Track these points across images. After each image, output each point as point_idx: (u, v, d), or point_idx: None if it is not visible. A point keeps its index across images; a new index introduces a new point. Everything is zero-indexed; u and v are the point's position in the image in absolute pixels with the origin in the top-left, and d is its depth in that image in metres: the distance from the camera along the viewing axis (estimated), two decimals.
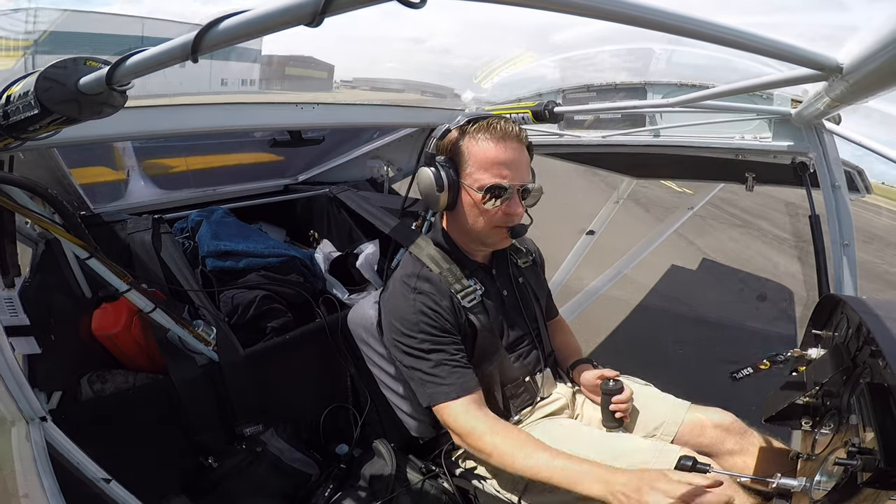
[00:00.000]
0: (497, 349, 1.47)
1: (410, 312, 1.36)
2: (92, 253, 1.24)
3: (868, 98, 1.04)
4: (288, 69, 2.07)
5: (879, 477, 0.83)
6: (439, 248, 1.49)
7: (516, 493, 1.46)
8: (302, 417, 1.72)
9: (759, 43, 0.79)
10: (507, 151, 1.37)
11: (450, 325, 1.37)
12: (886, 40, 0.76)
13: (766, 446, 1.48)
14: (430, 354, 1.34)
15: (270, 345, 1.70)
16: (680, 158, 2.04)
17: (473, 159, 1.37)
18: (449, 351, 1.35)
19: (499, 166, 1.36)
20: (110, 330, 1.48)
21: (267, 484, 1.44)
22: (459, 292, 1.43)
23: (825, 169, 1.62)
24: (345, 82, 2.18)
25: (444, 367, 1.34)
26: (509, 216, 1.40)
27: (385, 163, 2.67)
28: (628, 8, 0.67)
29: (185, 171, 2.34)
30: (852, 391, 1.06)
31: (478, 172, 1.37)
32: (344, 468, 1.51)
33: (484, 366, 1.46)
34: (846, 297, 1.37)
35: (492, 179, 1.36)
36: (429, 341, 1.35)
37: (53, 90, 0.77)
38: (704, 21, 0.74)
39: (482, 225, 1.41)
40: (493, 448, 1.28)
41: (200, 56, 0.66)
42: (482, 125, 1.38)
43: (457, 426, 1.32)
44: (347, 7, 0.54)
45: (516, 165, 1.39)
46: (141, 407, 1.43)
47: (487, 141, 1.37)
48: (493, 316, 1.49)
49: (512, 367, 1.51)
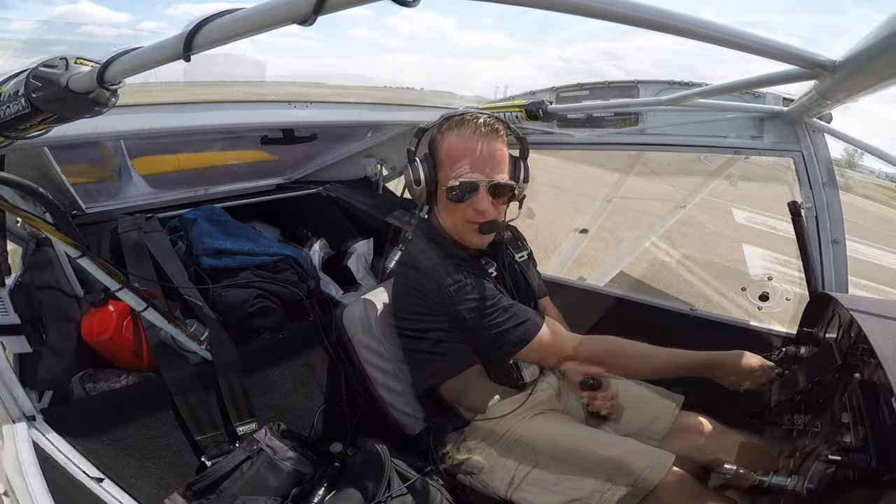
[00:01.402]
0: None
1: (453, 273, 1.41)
2: (83, 252, 1.23)
3: (858, 96, 1.05)
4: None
5: (870, 475, 0.83)
6: (430, 240, 1.52)
7: (506, 488, 1.48)
8: (295, 416, 1.72)
9: (750, 41, 0.80)
10: (477, 147, 1.39)
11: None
12: (876, 39, 0.77)
13: (756, 444, 1.49)
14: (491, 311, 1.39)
15: (264, 344, 1.70)
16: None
17: (445, 155, 1.41)
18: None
19: (465, 162, 1.38)
20: (101, 336, 1.47)
21: (261, 483, 1.44)
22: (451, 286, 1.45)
23: (815, 166, 1.63)
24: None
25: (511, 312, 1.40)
26: (478, 212, 1.42)
27: (378, 161, 2.67)
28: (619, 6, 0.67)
29: (177, 170, 2.32)
30: (844, 389, 1.07)
31: (447, 168, 1.41)
32: (338, 466, 1.51)
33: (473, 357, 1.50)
34: (838, 295, 1.39)
35: (457, 175, 1.39)
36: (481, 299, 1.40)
37: (44, 89, 0.76)
38: (696, 19, 0.74)
39: (454, 220, 1.46)
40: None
41: (193, 54, 0.66)
42: (454, 122, 1.41)
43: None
44: (341, 6, 0.54)
45: (486, 161, 1.40)
46: (133, 406, 1.42)
47: (456, 137, 1.40)
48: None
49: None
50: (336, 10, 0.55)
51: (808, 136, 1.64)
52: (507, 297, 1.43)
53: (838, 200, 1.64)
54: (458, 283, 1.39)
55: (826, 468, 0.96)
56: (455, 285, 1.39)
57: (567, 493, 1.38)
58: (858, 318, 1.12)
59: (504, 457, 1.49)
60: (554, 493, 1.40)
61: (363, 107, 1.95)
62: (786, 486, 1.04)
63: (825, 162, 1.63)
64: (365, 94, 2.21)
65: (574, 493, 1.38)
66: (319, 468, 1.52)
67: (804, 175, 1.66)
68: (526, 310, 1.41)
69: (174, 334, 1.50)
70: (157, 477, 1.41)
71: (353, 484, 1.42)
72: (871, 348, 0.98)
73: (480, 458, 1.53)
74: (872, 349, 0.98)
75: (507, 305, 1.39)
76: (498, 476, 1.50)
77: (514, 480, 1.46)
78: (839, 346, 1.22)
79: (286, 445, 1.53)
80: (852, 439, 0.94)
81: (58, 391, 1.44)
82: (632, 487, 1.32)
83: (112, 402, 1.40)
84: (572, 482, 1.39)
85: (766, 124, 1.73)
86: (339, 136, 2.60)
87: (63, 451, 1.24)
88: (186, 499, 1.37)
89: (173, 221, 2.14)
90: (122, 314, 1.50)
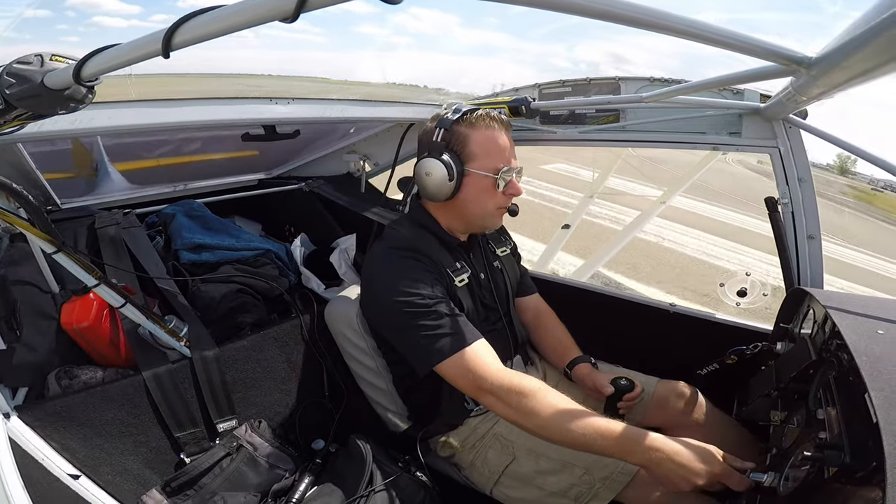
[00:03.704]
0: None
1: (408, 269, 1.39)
2: (59, 247, 1.21)
3: (834, 93, 1.07)
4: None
5: (845, 472, 0.84)
6: (425, 229, 1.54)
7: (488, 485, 1.49)
8: (277, 413, 1.71)
9: (727, 38, 0.81)
10: (506, 137, 1.47)
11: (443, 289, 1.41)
12: (851, 36, 0.78)
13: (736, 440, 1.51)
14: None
15: (244, 340, 1.69)
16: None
17: (481, 147, 1.44)
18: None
19: (504, 151, 1.46)
20: (80, 323, 1.44)
21: (241, 479, 1.43)
22: (453, 271, 1.49)
23: (791, 162, 1.66)
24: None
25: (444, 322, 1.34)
26: (513, 196, 1.51)
27: (362, 157, 2.66)
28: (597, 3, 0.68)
29: (156, 165, 2.30)
30: (819, 385, 1.08)
31: (485, 158, 1.44)
32: (320, 463, 1.51)
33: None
34: (813, 290, 1.41)
35: (501, 163, 1.45)
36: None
37: (18, 85, 0.75)
38: (672, 15, 0.75)
39: (489, 208, 1.49)
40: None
41: (173, 52, 0.66)
42: (483, 115, 1.46)
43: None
44: (325, 3, 0.54)
45: (512, 150, 1.49)
46: (111, 403, 1.40)
47: (492, 128, 1.45)
48: (474, 297, 1.54)
49: None
50: (321, 7, 0.54)
51: (784, 132, 1.67)
52: (447, 303, 1.37)
53: (813, 196, 1.67)
54: (404, 276, 1.37)
55: (802, 465, 0.97)
56: (401, 278, 1.37)
57: (546, 487, 1.40)
58: (833, 313, 1.14)
59: (484, 452, 1.51)
60: (534, 486, 1.42)
61: (346, 103, 1.94)
62: (762, 482, 1.05)
63: (801, 157, 1.66)
64: (370, 91, 2.19)
65: (553, 486, 1.39)
66: (301, 464, 1.52)
67: (780, 171, 1.68)
68: (464, 325, 1.35)
69: (153, 330, 1.48)
70: (134, 474, 1.39)
71: (334, 480, 1.42)
72: (845, 344, 1.00)
73: (463, 453, 1.54)
74: (846, 345, 0.99)
75: (446, 313, 1.34)
76: (480, 471, 1.51)
77: (495, 475, 1.47)
78: (814, 341, 1.24)
79: (267, 442, 1.52)
80: (827, 435, 0.94)
81: (33, 388, 1.41)
82: (609, 479, 1.34)
83: (89, 399, 1.38)
84: (550, 476, 1.40)
85: (744, 120, 1.75)
86: (322, 133, 2.59)
87: (39, 448, 1.22)
88: (164, 495, 1.36)
89: (151, 217, 2.11)
90: (103, 303, 1.47)
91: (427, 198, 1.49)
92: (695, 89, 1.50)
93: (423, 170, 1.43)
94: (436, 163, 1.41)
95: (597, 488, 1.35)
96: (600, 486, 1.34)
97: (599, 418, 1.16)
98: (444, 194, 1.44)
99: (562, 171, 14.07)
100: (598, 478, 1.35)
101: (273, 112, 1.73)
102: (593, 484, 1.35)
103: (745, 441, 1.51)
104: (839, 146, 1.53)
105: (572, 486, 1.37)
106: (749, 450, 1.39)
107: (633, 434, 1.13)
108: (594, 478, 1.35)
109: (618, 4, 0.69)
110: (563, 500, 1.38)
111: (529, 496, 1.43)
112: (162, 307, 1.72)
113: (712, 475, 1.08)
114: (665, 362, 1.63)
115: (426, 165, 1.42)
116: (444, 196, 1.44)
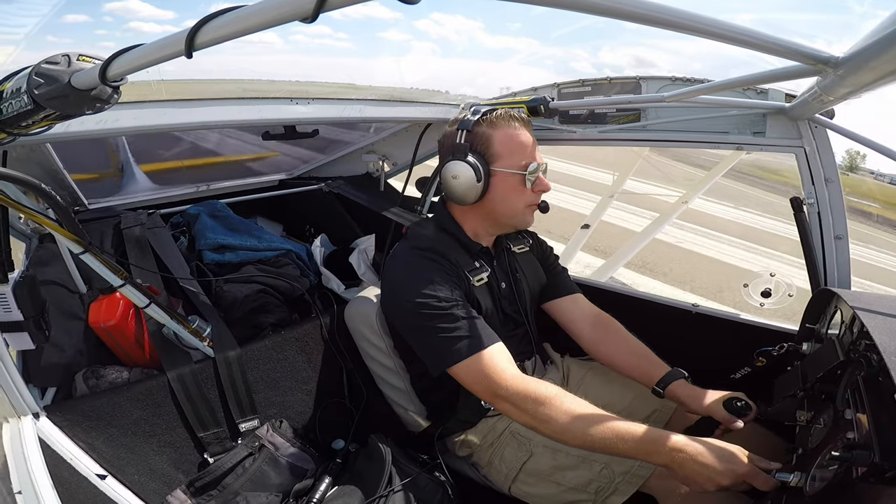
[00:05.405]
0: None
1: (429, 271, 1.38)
2: (86, 248, 1.23)
3: (861, 93, 1.05)
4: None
5: (874, 471, 0.83)
6: (445, 232, 1.53)
7: (507, 483, 1.49)
8: (297, 413, 1.72)
9: (752, 37, 0.80)
10: (528, 134, 1.47)
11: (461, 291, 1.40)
12: (879, 35, 0.77)
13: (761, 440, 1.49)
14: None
15: (266, 340, 1.70)
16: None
17: (504, 146, 1.43)
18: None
19: (528, 148, 1.45)
20: (107, 322, 1.47)
21: (263, 479, 1.44)
22: (471, 271, 1.47)
23: (818, 163, 1.63)
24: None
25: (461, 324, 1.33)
26: (542, 192, 1.50)
27: (380, 157, 2.67)
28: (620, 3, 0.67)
29: (180, 166, 2.33)
30: (847, 385, 1.06)
31: (511, 157, 1.43)
32: (340, 463, 1.51)
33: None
34: (840, 290, 1.38)
35: (530, 160, 1.44)
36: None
37: (46, 86, 0.76)
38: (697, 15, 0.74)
39: (520, 206, 1.48)
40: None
41: (196, 52, 0.67)
42: (506, 114, 1.45)
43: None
44: (344, 3, 0.54)
45: (535, 147, 1.49)
46: (136, 403, 1.43)
47: (513, 127, 1.44)
48: (494, 299, 1.52)
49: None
50: (340, 7, 0.54)
51: (810, 132, 1.63)
52: (465, 306, 1.36)
53: (841, 196, 1.63)
54: (423, 278, 1.36)
55: (829, 464, 0.96)
56: (421, 280, 1.36)
57: (564, 483, 1.39)
58: (861, 314, 1.12)
59: (502, 450, 1.50)
60: (552, 482, 1.41)
61: (364, 103, 1.95)
62: (789, 482, 1.04)
63: (827, 157, 1.63)
64: (395, 94, 2.20)
65: (571, 481, 1.38)
66: (321, 464, 1.53)
67: (806, 171, 1.65)
68: (481, 328, 1.33)
69: (177, 330, 1.50)
70: (159, 474, 1.41)
71: (354, 480, 1.43)
72: (874, 344, 0.98)
73: (481, 452, 1.54)
74: (875, 345, 0.97)
75: (463, 316, 1.33)
76: (498, 469, 1.51)
77: (513, 472, 1.47)
78: (842, 342, 1.21)
79: (288, 442, 1.54)
80: (856, 435, 0.93)
81: (61, 388, 1.44)
82: (629, 474, 1.32)
83: (115, 399, 1.40)
84: (569, 471, 1.39)
85: (768, 120, 1.72)
86: (341, 133, 2.60)
87: (67, 448, 1.24)
88: (189, 495, 1.38)
89: (176, 217, 2.14)
90: (129, 303, 1.50)
91: (455, 201, 1.47)
92: (718, 88, 1.47)
93: (450, 173, 1.41)
94: (462, 165, 1.38)
95: (616, 482, 1.33)
96: (620, 481, 1.33)
97: (619, 421, 1.15)
98: (473, 196, 1.41)
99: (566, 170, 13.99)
100: (618, 472, 1.33)
101: (293, 112, 1.74)
102: (613, 478, 1.33)
103: (770, 441, 1.48)
104: (868, 146, 1.49)
105: (591, 481, 1.36)
106: (774, 450, 1.37)
107: (655, 436, 1.11)
108: (614, 472, 1.34)
109: (643, 5, 0.68)
110: (583, 496, 1.37)
111: (548, 492, 1.42)
112: (186, 307, 1.74)
113: (737, 475, 1.06)
114: (687, 363, 1.61)
115: (452, 169, 1.40)
116: (472, 198, 1.42)
